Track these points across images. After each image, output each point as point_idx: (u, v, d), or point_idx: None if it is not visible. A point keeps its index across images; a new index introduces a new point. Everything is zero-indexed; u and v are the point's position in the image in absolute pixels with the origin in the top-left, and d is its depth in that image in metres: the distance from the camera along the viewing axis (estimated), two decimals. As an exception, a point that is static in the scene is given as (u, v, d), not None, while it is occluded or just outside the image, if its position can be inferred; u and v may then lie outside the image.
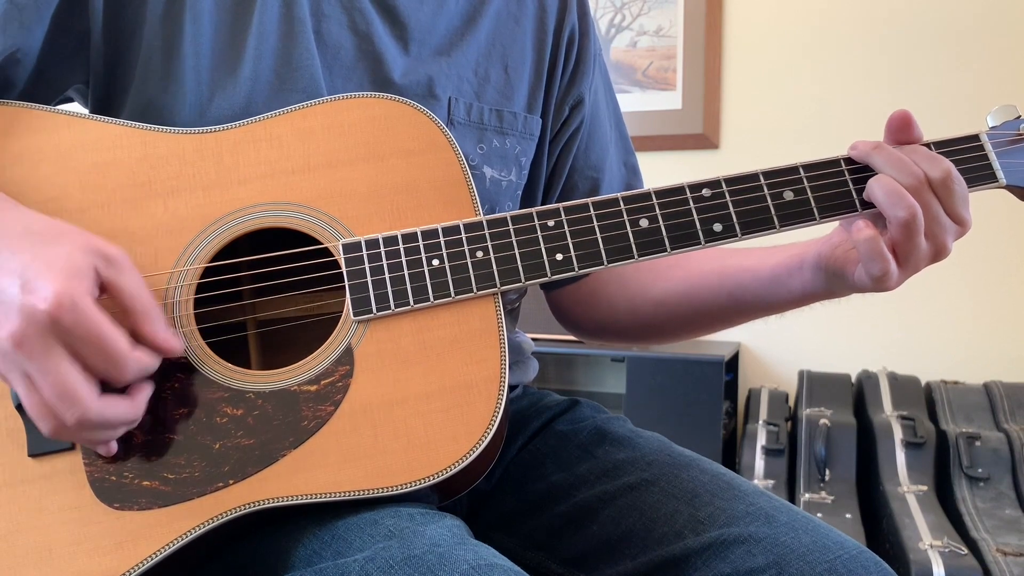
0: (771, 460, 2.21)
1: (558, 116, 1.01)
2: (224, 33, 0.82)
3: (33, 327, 0.61)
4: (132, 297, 0.67)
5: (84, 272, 0.64)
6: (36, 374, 0.62)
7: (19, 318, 0.61)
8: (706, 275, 0.95)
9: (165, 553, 0.68)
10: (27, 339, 0.61)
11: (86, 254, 0.65)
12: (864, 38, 2.49)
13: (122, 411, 0.66)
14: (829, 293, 0.85)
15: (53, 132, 0.77)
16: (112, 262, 0.66)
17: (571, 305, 1.08)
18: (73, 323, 0.61)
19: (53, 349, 0.62)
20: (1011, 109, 0.81)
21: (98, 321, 0.63)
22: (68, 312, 0.61)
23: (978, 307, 2.43)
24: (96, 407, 0.63)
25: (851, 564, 0.73)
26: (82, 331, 0.62)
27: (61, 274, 0.62)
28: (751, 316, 0.95)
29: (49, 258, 0.63)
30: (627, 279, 1.02)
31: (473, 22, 0.93)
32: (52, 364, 0.62)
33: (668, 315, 0.99)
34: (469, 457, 0.70)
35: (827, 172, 0.79)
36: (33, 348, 0.61)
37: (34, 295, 0.61)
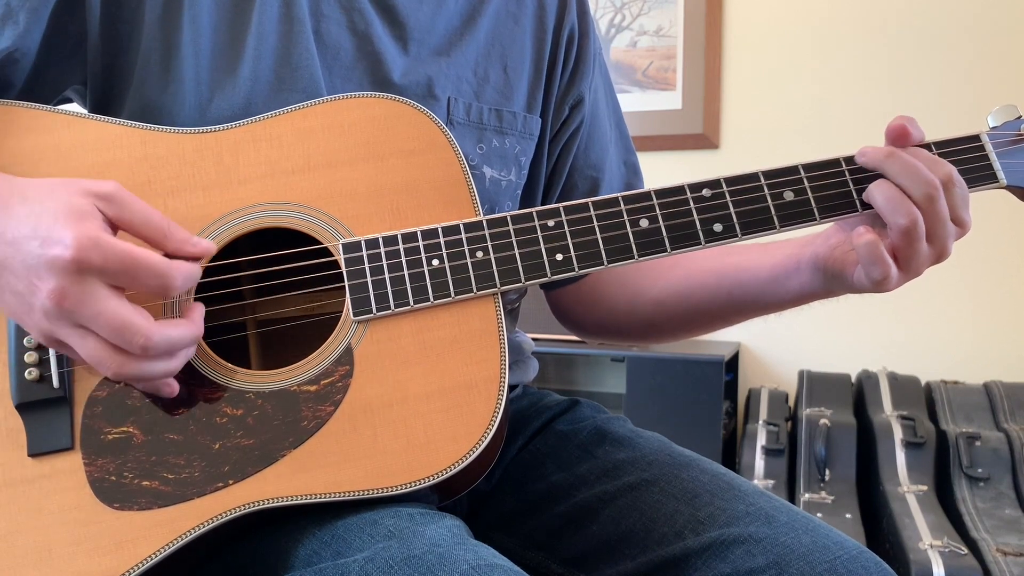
0: (771, 460, 2.21)
1: (558, 116, 1.01)
2: (223, 33, 0.82)
3: (67, 277, 0.61)
4: (143, 223, 0.67)
5: (89, 212, 0.64)
6: (88, 320, 0.63)
7: (51, 273, 0.61)
8: (705, 275, 0.95)
9: (165, 553, 0.68)
10: (66, 290, 0.61)
11: (84, 196, 0.65)
12: (864, 38, 2.49)
13: (184, 329, 0.67)
14: (827, 292, 0.85)
15: (53, 132, 0.77)
16: (110, 198, 0.66)
17: (571, 305, 1.08)
18: (102, 259, 0.62)
19: (95, 290, 0.62)
20: (1012, 109, 0.81)
21: (125, 247, 0.63)
22: (93, 250, 0.62)
23: (978, 307, 2.43)
24: (158, 329, 0.64)
25: (851, 564, 0.72)
26: (114, 262, 0.62)
27: (70, 219, 0.63)
28: (749, 315, 0.95)
29: (52, 210, 0.63)
30: (627, 279, 1.02)
31: (472, 22, 0.93)
32: (100, 305, 0.62)
33: (667, 315, 0.99)
34: (469, 457, 0.70)
35: (827, 172, 0.79)
36: (75, 297, 0.62)
37: (55, 247, 0.61)
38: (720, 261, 0.94)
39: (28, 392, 0.71)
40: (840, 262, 0.80)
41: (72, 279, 0.62)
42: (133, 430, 0.70)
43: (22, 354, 0.71)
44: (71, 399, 0.71)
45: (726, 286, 0.93)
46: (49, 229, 0.62)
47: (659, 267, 0.99)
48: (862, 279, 0.77)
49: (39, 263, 0.62)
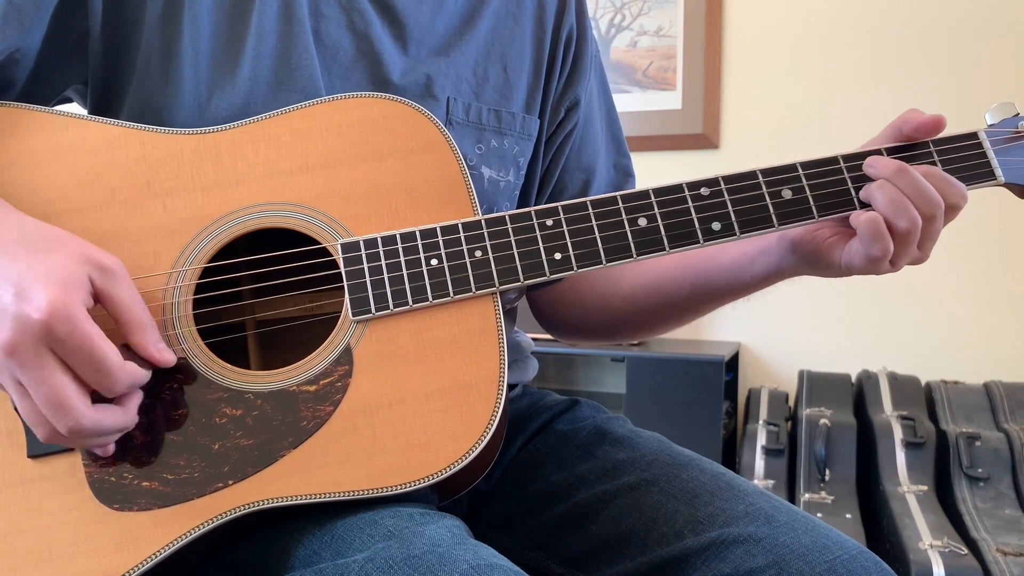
0: (771, 460, 2.21)
1: (554, 117, 1.01)
2: (223, 34, 0.82)
3: (26, 336, 0.61)
4: (125, 308, 0.67)
5: (78, 282, 0.64)
6: (29, 383, 0.62)
7: (12, 327, 0.61)
8: (669, 267, 0.96)
9: (165, 554, 0.68)
10: (20, 348, 0.61)
11: (81, 263, 0.65)
12: (864, 38, 2.49)
13: (115, 419, 0.66)
14: (795, 273, 0.86)
15: (52, 133, 0.77)
16: (106, 272, 0.66)
17: (547, 305, 1.08)
18: (66, 333, 0.61)
19: (46, 359, 0.62)
20: (1009, 107, 0.81)
21: (90, 333, 0.63)
22: (61, 322, 0.61)
23: (978, 307, 2.43)
24: (89, 416, 0.64)
25: (851, 564, 0.72)
26: (74, 342, 0.62)
27: (55, 283, 0.62)
28: (717, 303, 0.95)
29: (44, 267, 0.63)
30: (597, 277, 1.03)
31: (472, 22, 0.93)
32: (45, 374, 0.62)
33: (637, 309, 1.00)
34: (468, 457, 0.70)
35: (825, 171, 0.79)
36: (26, 357, 0.61)
37: (28, 304, 0.61)
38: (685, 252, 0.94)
39: None
40: (823, 245, 0.80)
41: (30, 340, 0.61)
42: (133, 431, 0.70)
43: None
44: (70, 400, 0.71)
45: (689, 276, 0.94)
46: (30, 285, 0.62)
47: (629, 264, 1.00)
48: (852, 259, 0.78)
49: (6, 313, 0.61)
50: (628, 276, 1.00)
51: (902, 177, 0.76)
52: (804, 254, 0.82)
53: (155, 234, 0.76)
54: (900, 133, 0.80)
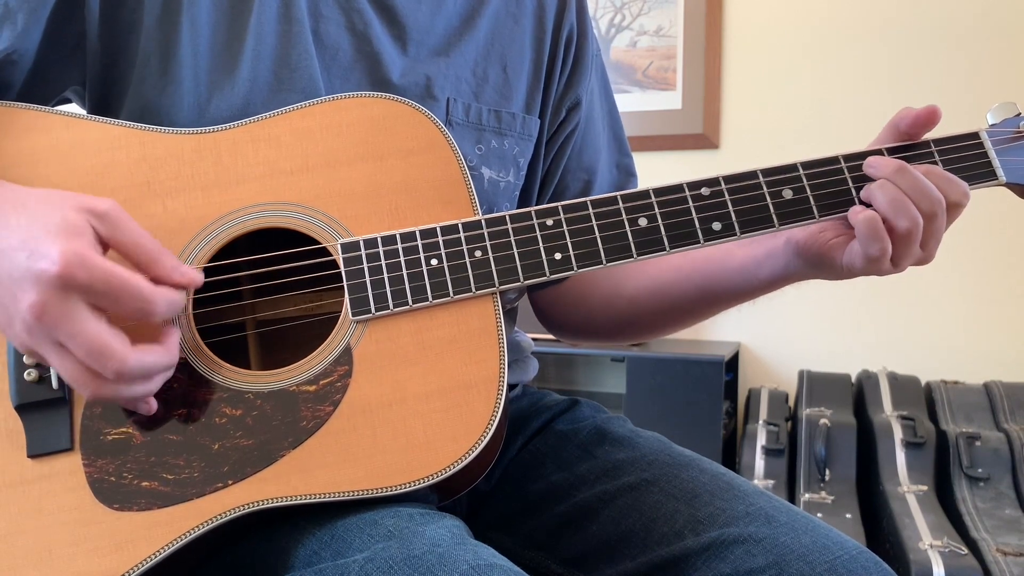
0: (771, 460, 2.21)
1: (555, 117, 1.01)
2: (222, 34, 0.82)
3: (50, 293, 0.61)
4: (134, 245, 0.67)
5: (82, 228, 0.63)
6: (65, 338, 0.62)
7: (34, 287, 0.61)
8: (676, 270, 0.96)
9: (164, 554, 0.67)
10: (48, 306, 0.61)
11: (79, 212, 0.64)
12: (864, 38, 2.49)
13: (158, 357, 0.66)
14: (802, 276, 0.86)
15: (52, 133, 0.77)
16: (105, 216, 0.65)
17: (550, 306, 1.08)
18: (87, 278, 0.61)
19: (75, 309, 0.62)
20: (1011, 107, 0.81)
21: (111, 268, 0.62)
22: (79, 268, 0.61)
23: (978, 307, 2.43)
24: (133, 355, 0.63)
25: (851, 564, 0.72)
26: (99, 282, 0.62)
27: (61, 234, 0.62)
28: (723, 307, 0.95)
29: (44, 223, 0.63)
30: (602, 278, 1.02)
31: (472, 22, 0.93)
32: (78, 324, 0.62)
33: (642, 311, 1.00)
34: (468, 457, 0.70)
35: (826, 170, 0.79)
36: (56, 314, 0.61)
37: (42, 261, 0.61)
38: (691, 255, 0.94)
39: (27, 393, 0.71)
40: (825, 247, 0.80)
41: (55, 295, 0.61)
42: (132, 431, 0.70)
43: (21, 355, 0.71)
44: (70, 400, 0.71)
45: (696, 279, 0.93)
46: (38, 242, 0.62)
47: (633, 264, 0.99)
48: (853, 260, 0.78)
49: (24, 275, 0.61)
50: (633, 278, 1.00)
51: (902, 176, 0.76)
52: (809, 257, 0.82)
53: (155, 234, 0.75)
54: (898, 131, 0.80)
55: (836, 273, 0.81)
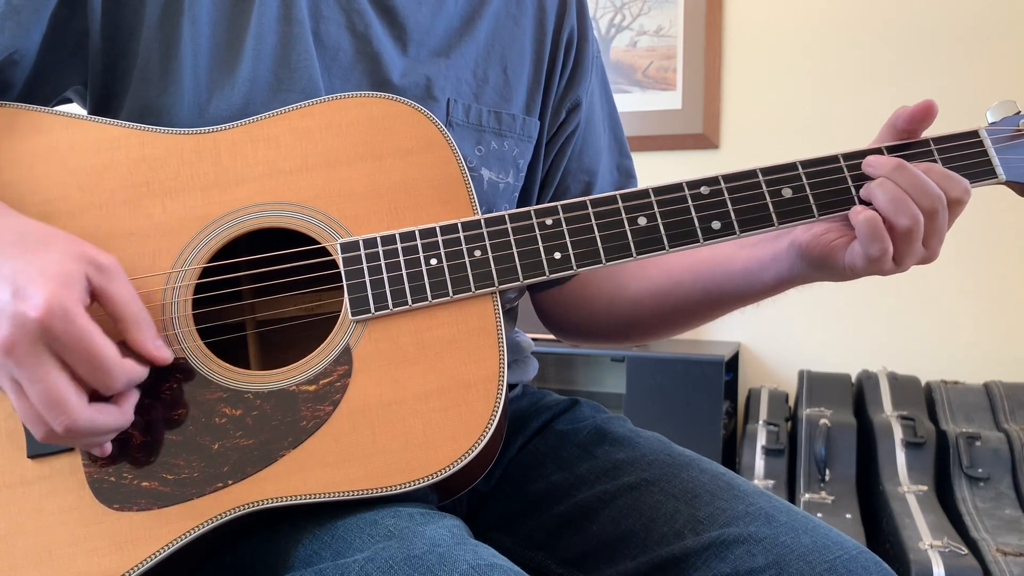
0: (771, 460, 2.21)
1: (555, 119, 1.01)
2: (222, 34, 0.82)
3: (23, 334, 0.61)
4: (122, 305, 0.67)
5: (75, 279, 0.64)
6: (25, 382, 0.62)
7: (9, 325, 0.61)
8: (680, 272, 0.95)
9: (164, 554, 0.68)
10: (17, 346, 0.61)
11: (77, 261, 0.65)
12: (864, 38, 2.49)
13: (111, 419, 0.66)
14: (805, 280, 0.85)
15: (51, 133, 0.77)
16: (103, 270, 0.66)
17: (552, 307, 1.08)
18: (63, 331, 0.61)
19: (42, 357, 0.62)
20: (1010, 105, 0.81)
21: (88, 330, 0.62)
22: (59, 320, 0.61)
23: (978, 307, 2.43)
24: (85, 415, 0.64)
25: (851, 564, 0.72)
26: (72, 340, 0.62)
27: (52, 281, 0.62)
28: (727, 309, 0.95)
29: (40, 265, 0.63)
30: (604, 279, 1.02)
31: (472, 23, 0.93)
32: (41, 372, 0.62)
33: (645, 313, 1.00)
34: (468, 456, 0.70)
35: (825, 169, 0.79)
36: (23, 355, 0.61)
37: (25, 302, 0.61)
38: (695, 257, 0.94)
39: None
40: (826, 249, 0.80)
41: (26, 337, 0.61)
42: (132, 431, 0.70)
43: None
44: (70, 400, 0.71)
45: (701, 282, 0.93)
46: (27, 284, 0.62)
47: (636, 266, 0.99)
48: (855, 261, 0.77)
49: (4, 311, 0.61)
50: (637, 280, 1.00)
51: (901, 173, 0.76)
52: (812, 259, 0.82)
53: (154, 234, 0.76)
54: (896, 129, 0.80)
55: (839, 274, 0.81)
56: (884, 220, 0.75)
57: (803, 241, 0.82)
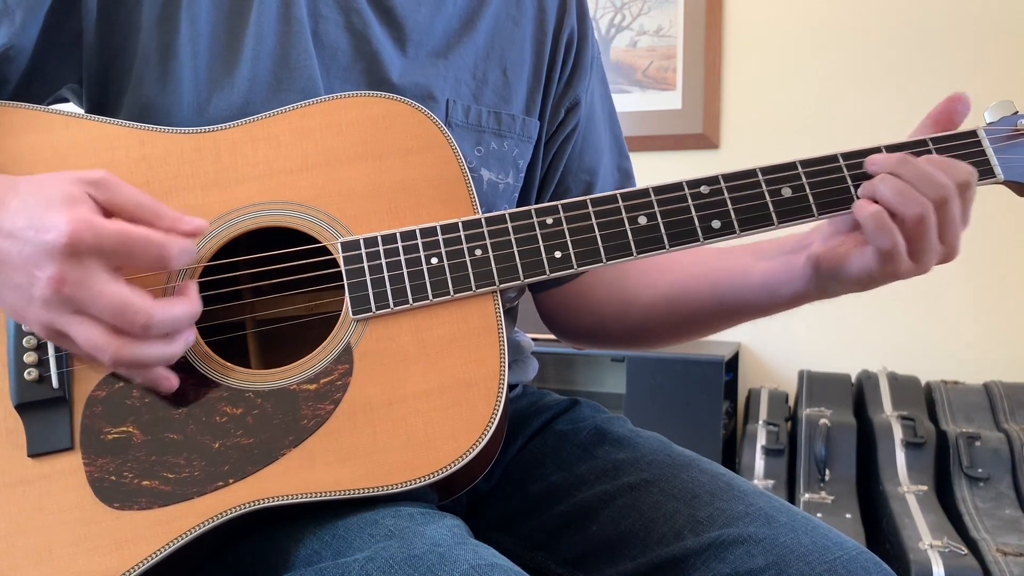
0: (771, 460, 2.21)
1: (554, 118, 1.01)
2: (221, 34, 0.82)
3: (64, 262, 0.61)
4: (135, 206, 0.67)
5: (81, 197, 0.64)
6: (88, 303, 0.62)
7: (48, 259, 0.61)
8: (696, 281, 0.95)
9: (165, 553, 0.67)
10: (65, 276, 0.62)
11: (74, 184, 0.65)
12: (864, 38, 2.50)
13: (184, 306, 0.67)
14: (821, 294, 0.85)
15: (50, 132, 0.77)
16: (100, 184, 0.66)
17: (557, 308, 1.07)
18: (97, 239, 0.62)
19: (92, 272, 0.62)
20: (1008, 105, 0.81)
21: (119, 225, 0.63)
22: (88, 232, 0.62)
23: (978, 307, 2.43)
24: (160, 307, 0.64)
25: (851, 564, 0.72)
26: (110, 240, 0.62)
27: (62, 205, 0.63)
28: (741, 320, 0.95)
29: (43, 199, 0.64)
30: (616, 284, 1.02)
31: (471, 24, 0.93)
32: (99, 286, 0.62)
33: (657, 321, 0.99)
34: (468, 455, 0.70)
35: (825, 168, 0.79)
36: (74, 281, 0.62)
37: (49, 232, 0.61)
38: (711, 267, 0.93)
39: (27, 392, 0.71)
40: (839, 257, 0.79)
41: (69, 263, 0.62)
42: (133, 430, 0.70)
43: (21, 354, 0.71)
44: (70, 399, 0.71)
45: (718, 293, 0.92)
46: (42, 217, 0.62)
47: (649, 273, 0.99)
48: (868, 262, 0.77)
49: (36, 251, 0.62)
50: (652, 286, 0.99)
51: (904, 167, 0.75)
52: (828, 271, 0.81)
53: None
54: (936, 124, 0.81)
55: (857, 281, 0.79)
56: (892, 215, 0.75)
57: (818, 254, 0.81)
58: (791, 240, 0.87)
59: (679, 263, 0.96)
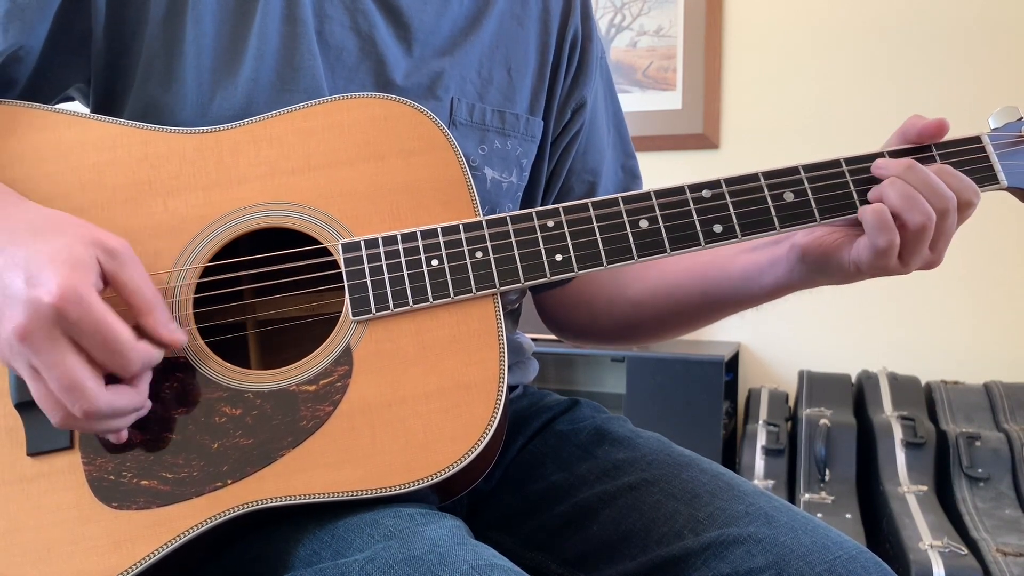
0: (771, 460, 2.21)
1: (560, 119, 1.01)
2: (226, 34, 0.82)
3: (38, 320, 0.61)
4: (135, 290, 0.67)
5: (87, 264, 0.64)
6: (43, 367, 0.62)
7: (24, 312, 0.61)
8: (680, 274, 0.96)
9: (163, 553, 0.68)
10: (33, 332, 0.61)
11: (88, 246, 0.65)
12: (864, 38, 2.49)
13: (129, 400, 0.66)
14: (806, 283, 0.85)
15: (54, 131, 0.77)
16: (114, 255, 0.66)
17: (554, 307, 1.08)
18: (78, 316, 0.61)
19: (58, 342, 0.62)
20: (1013, 111, 0.81)
21: (102, 313, 0.63)
22: (73, 305, 0.61)
23: (978, 307, 2.43)
24: (104, 398, 0.64)
25: (850, 564, 0.72)
26: (87, 324, 0.62)
27: (65, 266, 0.62)
28: (725, 313, 0.96)
29: (52, 251, 0.63)
30: (605, 280, 1.03)
31: (477, 23, 0.93)
32: (58, 357, 0.62)
33: (645, 315, 1.00)
34: (468, 457, 0.70)
35: (827, 173, 0.79)
36: (39, 341, 0.61)
37: (39, 288, 0.61)
38: (694, 260, 0.94)
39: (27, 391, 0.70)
40: (829, 249, 0.80)
41: (42, 323, 0.61)
42: (132, 429, 0.70)
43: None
44: (70, 399, 0.71)
45: (700, 284, 0.94)
46: (40, 270, 0.62)
47: (637, 268, 0.99)
48: (860, 255, 0.77)
49: (16, 296, 0.62)
50: (638, 281, 1.00)
51: (912, 173, 0.76)
52: (813, 261, 0.82)
53: (156, 233, 0.76)
54: (905, 139, 0.81)
55: (843, 273, 0.81)
56: (896, 217, 0.75)
57: (804, 243, 0.82)
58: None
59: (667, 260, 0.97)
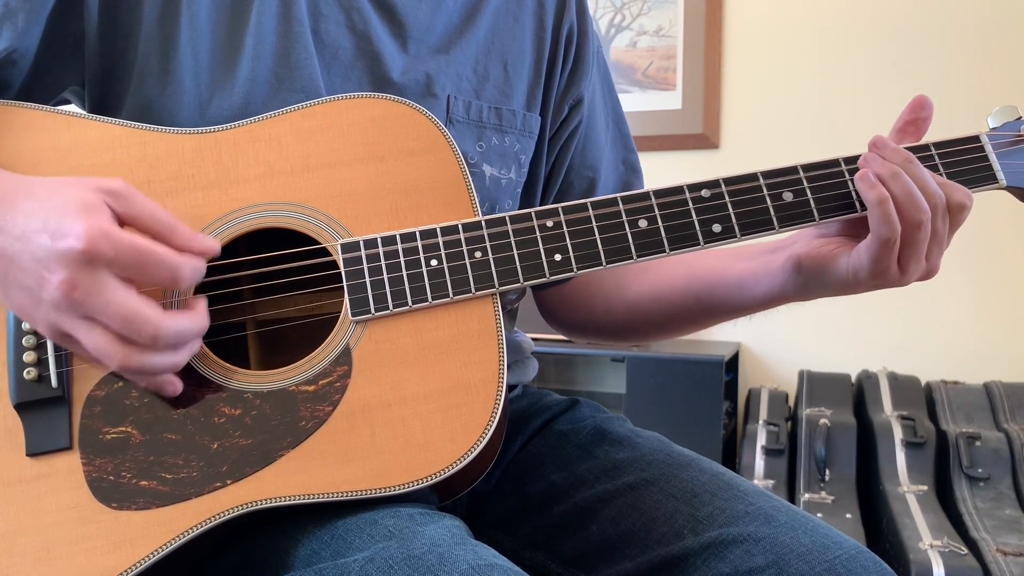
0: (771, 460, 2.21)
1: (557, 115, 1.01)
2: (222, 34, 0.81)
3: (78, 268, 0.62)
4: (151, 219, 0.67)
5: (99, 206, 0.64)
6: (97, 311, 0.63)
7: (61, 265, 0.62)
8: (674, 278, 0.96)
9: (162, 553, 0.68)
10: (78, 282, 0.62)
11: (93, 192, 0.65)
12: (865, 38, 2.49)
13: (191, 320, 0.67)
14: (801, 294, 0.85)
15: (53, 132, 0.77)
16: (119, 194, 0.66)
17: (554, 304, 1.09)
18: (113, 250, 0.62)
19: (106, 281, 0.63)
20: (1012, 110, 0.81)
21: (135, 239, 0.63)
22: (104, 241, 0.62)
23: (978, 307, 2.43)
24: (167, 320, 0.64)
25: (850, 564, 0.73)
26: (125, 254, 0.63)
27: (81, 212, 0.63)
28: (719, 319, 0.96)
29: (62, 204, 0.64)
30: (603, 281, 1.03)
31: (472, 20, 0.93)
32: (110, 295, 0.62)
33: (639, 317, 1.01)
34: (467, 457, 0.70)
35: (826, 173, 0.79)
36: (86, 287, 0.62)
37: (67, 239, 0.62)
38: (691, 264, 0.95)
39: (27, 392, 0.71)
40: (823, 257, 0.80)
41: (83, 270, 0.62)
42: (131, 430, 0.70)
43: (21, 354, 0.71)
44: (69, 399, 0.71)
45: (694, 289, 0.94)
46: (59, 222, 0.62)
47: (633, 269, 0.99)
48: (860, 260, 0.77)
49: (49, 255, 0.62)
50: (635, 282, 1.00)
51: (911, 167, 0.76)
52: (810, 271, 0.82)
53: None
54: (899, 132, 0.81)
55: (840, 282, 0.80)
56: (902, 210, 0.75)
57: (800, 253, 0.82)
58: (774, 241, 0.88)
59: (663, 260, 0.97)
